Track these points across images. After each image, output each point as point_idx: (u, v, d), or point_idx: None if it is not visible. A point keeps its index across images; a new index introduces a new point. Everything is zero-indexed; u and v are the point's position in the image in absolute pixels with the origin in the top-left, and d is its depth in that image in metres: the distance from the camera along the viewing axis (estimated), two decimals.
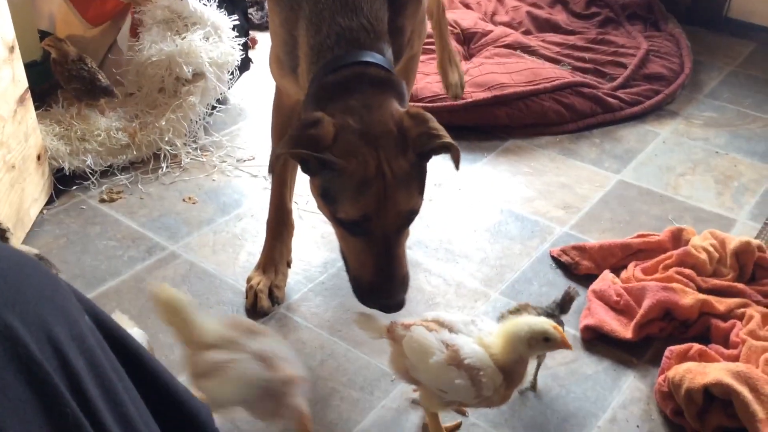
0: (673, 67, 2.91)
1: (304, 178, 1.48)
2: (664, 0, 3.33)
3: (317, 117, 1.34)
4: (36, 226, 2.06)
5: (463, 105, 2.56)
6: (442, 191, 2.25)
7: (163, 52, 2.40)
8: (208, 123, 2.53)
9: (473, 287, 1.92)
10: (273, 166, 1.49)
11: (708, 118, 2.72)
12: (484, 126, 2.58)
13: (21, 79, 1.98)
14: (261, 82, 2.72)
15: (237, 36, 2.59)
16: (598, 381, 1.67)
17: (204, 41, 2.47)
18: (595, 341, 1.76)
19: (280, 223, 1.88)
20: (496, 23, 3.18)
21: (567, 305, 1.57)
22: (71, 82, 2.30)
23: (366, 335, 1.49)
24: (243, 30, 2.68)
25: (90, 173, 2.24)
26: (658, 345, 1.74)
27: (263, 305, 1.81)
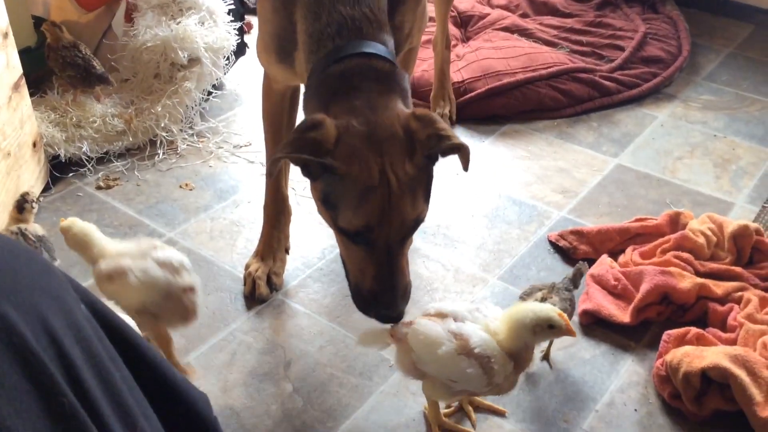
0: (671, 50, 2.89)
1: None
2: None
3: (319, 119, 1.29)
4: None
5: (459, 101, 2.56)
6: (439, 177, 2.24)
7: (158, 37, 2.38)
8: (204, 109, 2.52)
9: (471, 272, 1.92)
10: (271, 171, 1.39)
11: (706, 101, 2.72)
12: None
13: (15, 66, 1.97)
14: (257, 67, 2.67)
15: (232, 20, 2.57)
16: (596, 365, 1.67)
17: (199, 26, 2.45)
18: (593, 325, 1.76)
19: (277, 210, 1.88)
20: (493, 6, 3.16)
21: (578, 280, 1.66)
22: (66, 69, 2.28)
23: (375, 348, 1.50)
24: (238, 14, 2.66)
25: (86, 160, 2.23)
26: (655, 329, 1.75)
27: (261, 292, 1.81)
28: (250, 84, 2.69)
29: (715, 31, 3.19)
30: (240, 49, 2.65)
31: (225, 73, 2.58)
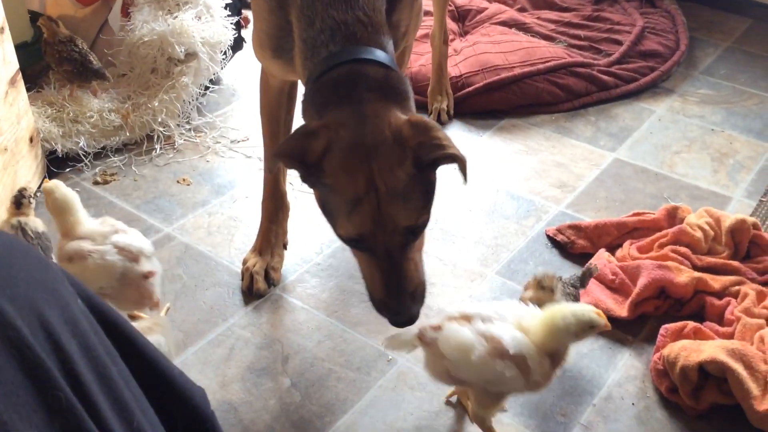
0: (669, 44, 2.89)
1: None
2: None
3: (312, 129, 1.28)
4: None
5: (456, 95, 2.56)
6: (437, 173, 2.24)
7: (155, 32, 2.37)
8: (201, 104, 2.51)
9: (469, 267, 1.92)
10: (271, 168, 1.42)
11: (704, 95, 2.71)
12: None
13: (12, 60, 1.96)
14: (254, 61, 2.67)
15: (229, 15, 2.56)
16: (593, 359, 1.67)
17: (196, 20, 2.44)
18: None
19: (275, 205, 1.87)
20: (491, 0, 3.15)
21: (586, 280, 1.66)
22: (62, 64, 2.28)
23: (402, 352, 1.49)
24: (235, 8, 2.66)
25: (83, 155, 2.23)
26: (653, 323, 1.75)
27: (259, 287, 1.81)
28: (247, 79, 2.69)
29: (713, 26, 3.18)
30: (237, 44, 2.65)
31: (222, 68, 2.57)
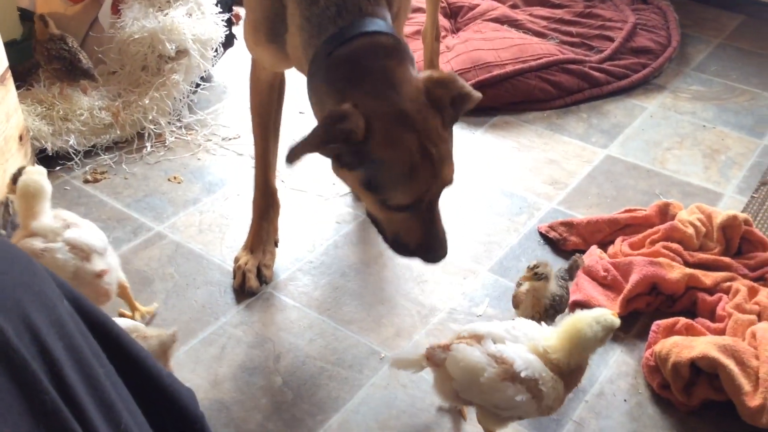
0: (661, 41, 2.89)
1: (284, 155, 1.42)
2: None
3: (344, 111, 1.26)
4: None
5: None
6: None
7: (146, 29, 2.36)
8: (192, 101, 2.50)
9: (461, 264, 1.92)
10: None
11: (695, 91, 2.72)
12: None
13: (1, 58, 1.95)
14: (245, 58, 2.65)
15: (220, 12, 2.55)
16: None
17: (187, 17, 2.43)
18: None
19: (266, 203, 1.87)
20: None
21: (573, 272, 1.67)
22: (51, 62, 2.26)
23: (410, 371, 1.47)
24: (226, 5, 2.64)
25: (73, 153, 2.21)
26: (645, 319, 1.75)
27: (251, 285, 1.80)
28: (238, 76, 2.68)
29: (705, 22, 3.18)
30: (228, 41, 2.64)
31: (213, 65, 2.56)
